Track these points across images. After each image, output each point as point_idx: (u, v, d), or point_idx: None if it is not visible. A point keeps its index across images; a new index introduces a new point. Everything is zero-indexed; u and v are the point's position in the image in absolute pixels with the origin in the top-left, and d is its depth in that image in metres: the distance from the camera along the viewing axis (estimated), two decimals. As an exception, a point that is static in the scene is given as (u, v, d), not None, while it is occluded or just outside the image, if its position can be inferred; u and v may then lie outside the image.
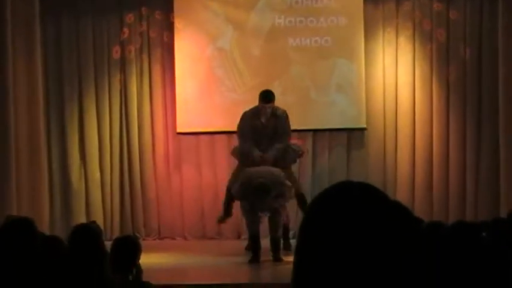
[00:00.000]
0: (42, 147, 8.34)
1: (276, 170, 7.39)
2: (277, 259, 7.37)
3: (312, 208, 1.29)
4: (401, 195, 8.86)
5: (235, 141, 9.08)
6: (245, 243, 8.02)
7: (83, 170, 9.17)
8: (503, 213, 7.17)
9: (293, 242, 7.60)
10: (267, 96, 7.67)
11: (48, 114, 9.00)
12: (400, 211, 1.30)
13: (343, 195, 1.27)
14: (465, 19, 8.90)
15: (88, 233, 3.51)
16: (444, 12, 8.92)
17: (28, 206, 7.91)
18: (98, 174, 9.14)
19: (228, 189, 7.78)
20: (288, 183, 7.45)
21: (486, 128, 8.79)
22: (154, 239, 9.17)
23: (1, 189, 7.73)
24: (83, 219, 8.51)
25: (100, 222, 8.51)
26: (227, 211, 7.90)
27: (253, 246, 7.46)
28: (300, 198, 7.77)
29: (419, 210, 8.63)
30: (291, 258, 1.51)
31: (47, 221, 8.18)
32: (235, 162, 9.04)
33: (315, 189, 8.69)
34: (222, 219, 8.03)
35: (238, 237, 8.98)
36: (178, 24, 9.09)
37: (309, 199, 7.48)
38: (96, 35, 9.17)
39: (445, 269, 3.16)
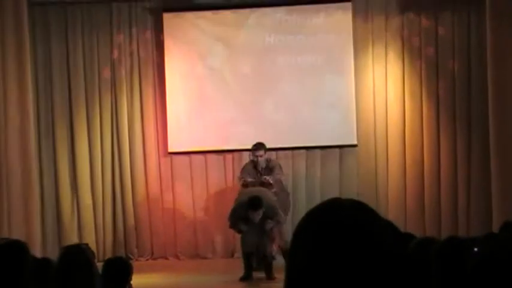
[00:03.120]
0: (33, 169, 8.32)
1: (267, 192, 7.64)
2: (269, 277, 7.41)
3: (302, 226, 1.29)
4: (393, 210, 8.88)
5: (227, 159, 9.10)
6: (238, 261, 7.99)
7: (74, 191, 9.15)
8: (495, 227, 7.18)
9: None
10: (257, 146, 8.17)
11: (39, 136, 9.00)
12: (389, 228, 1.30)
13: (333, 212, 1.27)
14: (453, 35, 8.96)
15: (78, 253, 3.49)
16: (432, 29, 8.98)
17: (20, 229, 7.86)
18: (89, 200, 9.11)
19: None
20: (279, 211, 7.59)
21: (476, 142, 8.83)
22: (147, 260, 9.13)
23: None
24: (75, 241, 8.47)
25: (92, 243, 8.50)
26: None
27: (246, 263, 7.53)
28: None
29: (411, 225, 8.64)
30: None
31: (39, 244, 8.14)
32: (227, 180, 9.06)
33: (308, 206, 8.68)
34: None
35: (232, 255, 8.95)
36: (168, 44, 9.11)
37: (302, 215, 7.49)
38: (87, 56, 9.18)
39: (437, 285, 3.16)
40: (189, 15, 9.17)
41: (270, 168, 8.09)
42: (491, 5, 8.03)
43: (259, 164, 8.07)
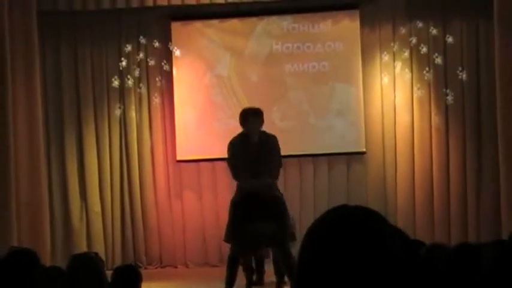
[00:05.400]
0: (42, 178, 8.36)
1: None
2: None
3: (311, 233, 1.29)
4: (402, 217, 8.86)
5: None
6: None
7: (83, 200, 9.17)
8: (505, 235, 7.15)
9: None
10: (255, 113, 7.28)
11: (48, 144, 9.03)
12: (399, 234, 1.30)
13: (342, 218, 1.27)
14: (461, 43, 8.94)
15: (87, 262, 3.50)
16: (441, 37, 8.97)
17: (29, 238, 7.89)
18: (98, 209, 9.12)
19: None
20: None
21: (486, 150, 8.80)
22: (156, 268, 9.14)
23: (1, 220, 7.71)
24: (84, 250, 8.49)
25: (101, 251, 8.51)
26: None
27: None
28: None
29: (420, 232, 8.61)
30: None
31: (48, 253, 8.16)
32: (235, 187, 9.05)
33: (316, 213, 8.67)
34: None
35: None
36: (176, 53, 9.14)
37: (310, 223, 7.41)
38: (95, 65, 9.22)
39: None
40: (197, 24, 9.20)
41: (265, 149, 7.04)
42: (499, 13, 8.03)
43: (251, 137, 7.13)
